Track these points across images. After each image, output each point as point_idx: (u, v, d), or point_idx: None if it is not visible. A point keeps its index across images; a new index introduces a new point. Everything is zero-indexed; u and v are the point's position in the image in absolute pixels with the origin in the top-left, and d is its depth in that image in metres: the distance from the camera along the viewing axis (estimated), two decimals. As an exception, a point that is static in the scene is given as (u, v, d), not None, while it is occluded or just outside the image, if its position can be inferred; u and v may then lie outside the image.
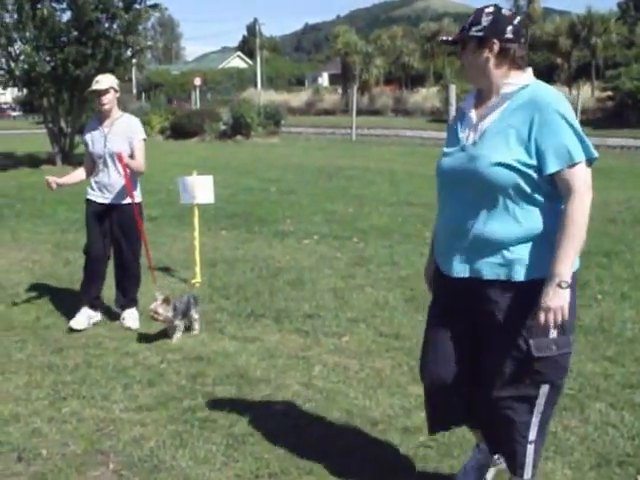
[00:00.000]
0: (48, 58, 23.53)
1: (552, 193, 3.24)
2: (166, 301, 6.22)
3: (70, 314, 6.82)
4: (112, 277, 7.04)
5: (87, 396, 5.21)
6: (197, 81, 50.23)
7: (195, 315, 6.48)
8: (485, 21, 3.30)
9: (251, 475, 4.11)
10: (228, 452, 4.35)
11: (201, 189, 8.29)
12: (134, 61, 28.39)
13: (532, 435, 3.41)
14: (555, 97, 3.24)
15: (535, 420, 3.39)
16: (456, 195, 3.41)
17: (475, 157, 3.28)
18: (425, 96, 55.81)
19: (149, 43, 28.77)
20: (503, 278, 3.28)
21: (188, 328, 6.50)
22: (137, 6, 23.74)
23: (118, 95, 6.71)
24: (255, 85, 66.22)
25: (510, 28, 3.28)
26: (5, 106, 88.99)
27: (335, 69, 70.17)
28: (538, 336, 3.23)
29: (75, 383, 5.45)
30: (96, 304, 6.92)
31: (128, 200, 6.70)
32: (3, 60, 24.20)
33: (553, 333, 3.24)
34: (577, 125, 3.17)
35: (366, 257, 9.47)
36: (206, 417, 4.80)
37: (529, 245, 3.25)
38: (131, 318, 6.82)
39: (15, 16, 23.14)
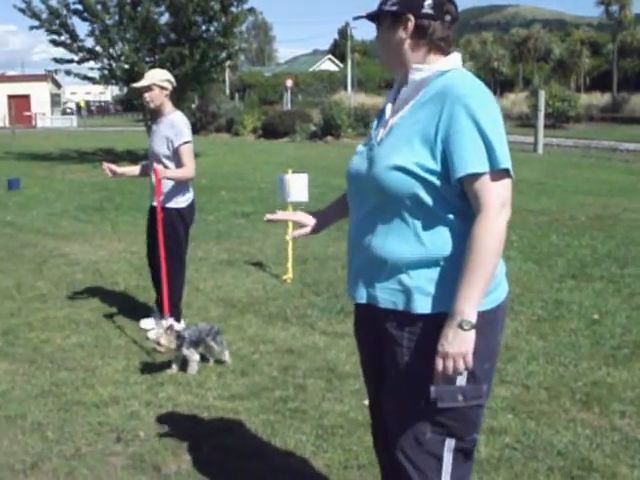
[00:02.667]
0: (147, 58, 24.11)
1: (466, 211, 2.56)
2: (170, 329, 5.51)
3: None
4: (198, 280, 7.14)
5: (183, 383, 5.33)
6: (289, 83, 50.62)
7: (215, 345, 5.68)
8: None
9: (340, 466, 4.13)
10: (317, 443, 4.39)
11: (296, 187, 8.29)
12: (229, 62, 28.82)
13: None
14: (470, 89, 2.55)
15: None
16: (359, 203, 2.80)
17: (375, 159, 2.68)
18: (513, 101, 55.03)
19: (243, 45, 29.14)
20: (401, 308, 2.65)
21: (204, 357, 5.74)
22: (233, 10, 24.07)
23: (167, 92, 6.25)
24: (345, 88, 66.18)
25: (429, 2, 2.61)
26: (105, 104, 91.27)
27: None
28: (441, 383, 2.58)
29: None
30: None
31: (171, 204, 6.25)
32: (105, 60, 24.85)
33: (461, 380, 2.60)
34: (490, 126, 2.49)
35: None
36: (296, 408, 4.86)
37: (435, 271, 2.59)
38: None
39: (116, 18, 23.72)
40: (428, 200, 2.56)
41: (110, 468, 4.13)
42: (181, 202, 6.30)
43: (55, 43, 24.61)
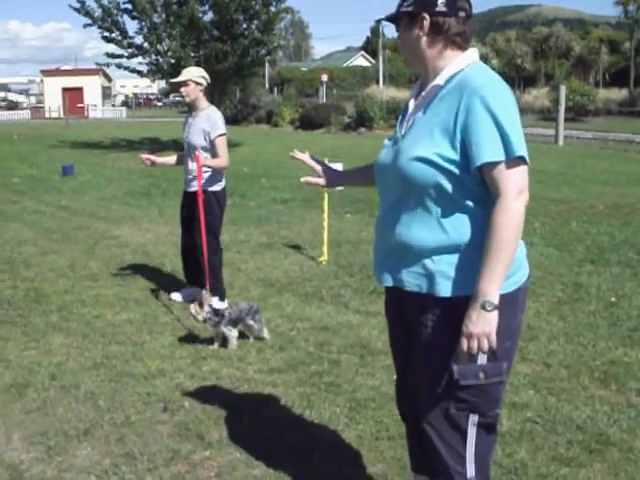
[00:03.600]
0: (192, 54, 24.18)
1: (486, 198, 2.55)
2: (200, 303, 5.57)
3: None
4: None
5: (224, 357, 5.35)
6: (324, 77, 50.53)
7: (254, 324, 5.69)
8: None
9: (371, 437, 4.12)
10: (351, 415, 4.38)
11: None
12: (268, 58, 28.86)
13: (469, 471, 2.75)
14: (486, 81, 2.53)
15: (469, 455, 2.74)
16: (386, 194, 2.82)
17: (399, 151, 2.68)
18: (536, 96, 54.43)
19: (282, 42, 29.16)
20: (425, 291, 2.66)
21: (244, 334, 5.75)
22: (273, 8, 24.09)
23: (202, 88, 6.39)
24: (377, 82, 65.80)
25: (442, 0, 2.60)
26: (152, 97, 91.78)
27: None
28: (463, 361, 2.58)
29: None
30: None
31: (205, 188, 6.37)
32: (152, 55, 24.99)
33: (482, 359, 2.59)
34: (505, 117, 2.47)
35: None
36: (331, 382, 4.85)
37: (456, 256, 2.59)
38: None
39: (164, 16, 23.83)
40: (449, 188, 2.55)
41: (157, 435, 4.15)
42: (216, 186, 6.48)
43: (107, 40, 24.81)
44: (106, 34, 24.65)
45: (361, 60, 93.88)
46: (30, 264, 8.31)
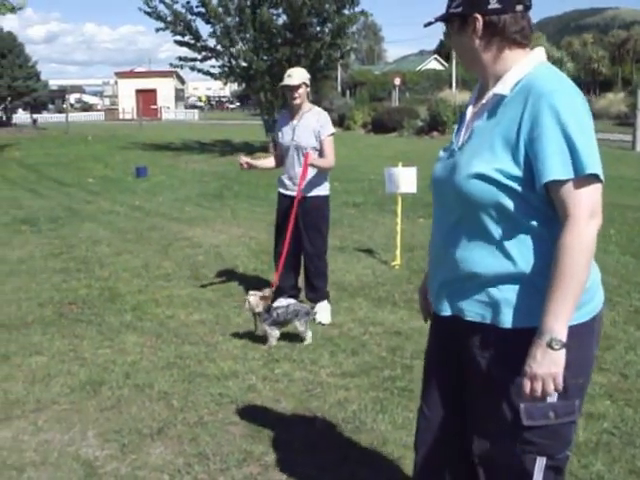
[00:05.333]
0: (265, 57, 24.39)
1: (553, 217, 2.26)
2: (263, 298, 5.68)
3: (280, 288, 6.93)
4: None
5: (297, 360, 5.38)
6: (397, 81, 50.35)
7: (299, 326, 5.73)
8: None
9: (446, 444, 4.09)
10: (425, 421, 4.35)
11: (405, 180, 8.25)
12: (341, 61, 28.92)
13: None
14: (556, 86, 2.24)
15: None
16: (442, 213, 2.55)
17: (456, 166, 2.40)
18: (612, 101, 53.19)
19: (355, 45, 29.17)
20: (488, 322, 2.39)
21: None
22: (346, 12, 24.14)
23: (309, 89, 6.36)
24: (450, 86, 65.31)
25: None
26: (224, 99, 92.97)
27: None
28: (531, 400, 2.29)
29: (287, 348, 5.64)
30: (293, 293, 6.59)
31: (313, 192, 6.35)
32: (226, 58, 25.29)
33: (552, 397, 2.30)
34: (576, 128, 2.17)
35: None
36: (404, 387, 4.83)
37: (523, 284, 2.31)
38: (321, 312, 6.34)
39: (237, 20, 24.08)
40: (513, 209, 2.28)
41: (230, 436, 4.19)
42: (326, 190, 6.48)
43: (179, 43, 25.17)
44: (178, 37, 25.03)
45: (434, 63, 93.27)
46: (105, 264, 8.50)
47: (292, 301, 6.15)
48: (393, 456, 3.93)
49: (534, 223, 2.29)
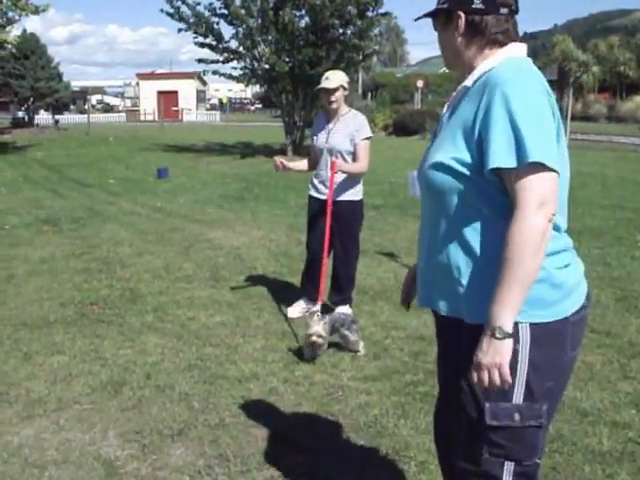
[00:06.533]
0: (287, 59, 24.43)
1: (510, 207, 2.20)
2: (322, 322, 5.47)
3: (299, 291, 6.95)
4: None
5: (318, 363, 5.37)
6: (419, 83, 50.24)
7: (350, 335, 5.57)
8: None
9: (468, 450, 4.07)
10: (447, 426, 4.33)
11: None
12: (363, 64, 28.92)
13: None
14: (512, 75, 2.22)
15: None
16: (422, 206, 2.56)
17: (425, 159, 2.46)
18: (638, 104, 52.95)
19: (377, 48, 29.14)
20: (457, 316, 2.37)
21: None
22: (369, 14, 24.12)
23: (347, 93, 6.31)
24: (473, 88, 65.15)
25: None
26: (245, 101, 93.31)
27: (550, 75, 68.10)
28: (496, 399, 2.28)
29: (307, 350, 5.62)
30: (315, 297, 6.40)
31: (345, 197, 6.32)
32: (248, 60, 25.36)
33: (518, 398, 2.27)
34: (524, 115, 2.14)
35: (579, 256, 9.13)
36: (427, 392, 4.81)
37: (485, 276, 2.25)
38: None
39: (259, 21, 24.13)
40: (469, 197, 2.28)
41: (251, 439, 4.20)
42: (359, 194, 6.45)
43: (201, 45, 25.23)
44: (200, 39, 25.09)
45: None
46: (126, 264, 8.55)
47: (346, 308, 6.30)
48: (415, 461, 3.92)
49: (490, 212, 2.26)
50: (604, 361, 5.47)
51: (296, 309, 6.64)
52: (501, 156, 2.14)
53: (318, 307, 6.09)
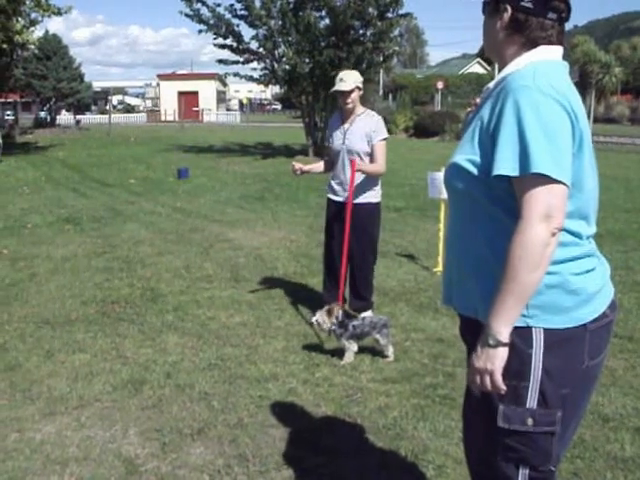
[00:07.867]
0: (307, 60, 24.45)
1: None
2: (329, 312, 5.53)
3: (321, 292, 6.90)
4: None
5: (337, 364, 5.38)
6: (439, 85, 50.24)
7: (381, 338, 5.55)
8: None
9: (487, 453, 4.06)
10: (466, 429, 4.33)
11: (448, 185, 8.20)
12: (383, 65, 28.89)
13: None
14: (527, 83, 2.16)
15: None
16: (448, 206, 2.59)
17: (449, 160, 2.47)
18: (661, 106, 52.64)
19: (397, 49, 29.09)
20: (474, 316, 2.36)
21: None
22: (389, 15, 24.10)
23: (361, 93, 6.25)
24: (494, 90, 64.93)
25: None
26: (265, 102, 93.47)
27: (571, 77, 67.49)
28: (510, 402, 2.25)
29: (327, 352, 5.64)
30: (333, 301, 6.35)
31: (363, 199, 6.25)
32: (268, 61, 25.41)
33: (532, 402, 2.24)
34: (533, 125, 2.10)
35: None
36: (446, 395, 4.81)
37: (498, 278, 2.18)
38: None
39: (280, 22, 24.18)
40: (485, 201, 2.26)
41: (270, 439, 4.21)
42: (377, 196, 6.39)
43: (221, 47, 25.28)
44: (219, 40, 25.14)
45: (477, 67, 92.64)
46: (146, 264, 8.60)
47: (368, 314, 6.15)
48: (434, 464, 3.91)
49: (502, 214, 2.23)
50: (627, 366, 5.44)
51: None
52: (505, 164, 2.13)
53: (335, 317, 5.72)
